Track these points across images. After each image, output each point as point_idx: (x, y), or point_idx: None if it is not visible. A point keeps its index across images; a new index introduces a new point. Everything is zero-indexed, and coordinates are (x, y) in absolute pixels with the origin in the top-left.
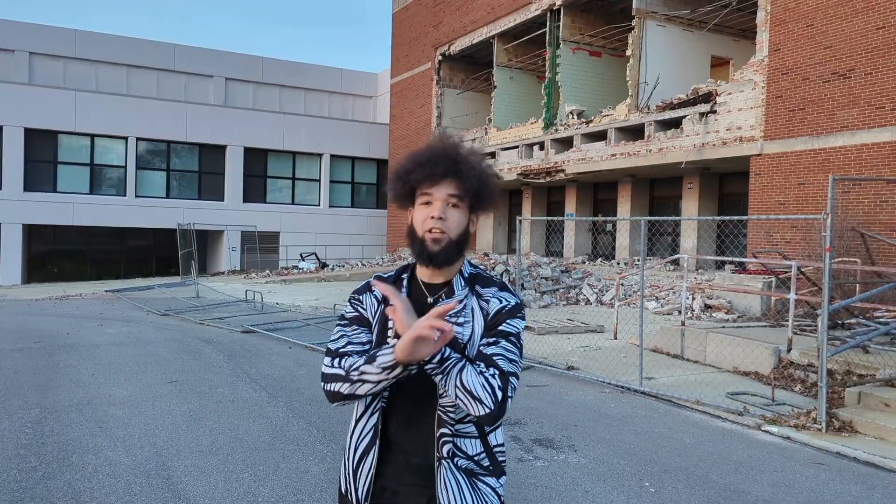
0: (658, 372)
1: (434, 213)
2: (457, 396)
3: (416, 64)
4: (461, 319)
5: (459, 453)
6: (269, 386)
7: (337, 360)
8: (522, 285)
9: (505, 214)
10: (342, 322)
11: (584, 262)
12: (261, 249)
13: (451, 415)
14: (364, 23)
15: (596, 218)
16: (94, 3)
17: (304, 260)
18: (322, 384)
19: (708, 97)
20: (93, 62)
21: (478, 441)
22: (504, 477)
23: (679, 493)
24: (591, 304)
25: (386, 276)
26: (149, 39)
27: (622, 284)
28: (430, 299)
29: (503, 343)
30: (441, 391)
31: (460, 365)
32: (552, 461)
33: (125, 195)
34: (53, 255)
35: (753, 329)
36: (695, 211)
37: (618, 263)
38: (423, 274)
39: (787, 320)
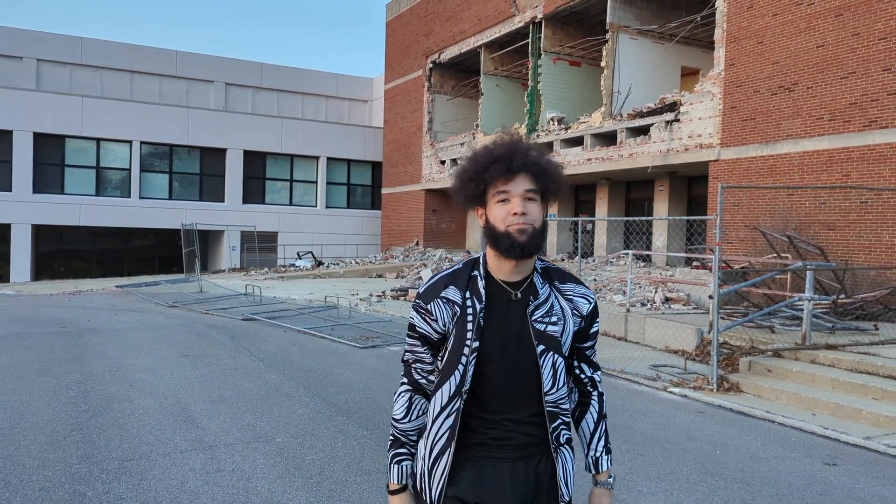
0: (600, 350)
1: (516, 209)
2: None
3: (408, 71)
4: (553, 318)
5: (569, 432)
6: (266, 359)
7: (405, 382)
8: None
9: None
10: (412, 334)
11: (563, 260)
12: (260, 249)
13: (564, 406)
14: (365, 25)
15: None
16: (99, 11)
17: (300, 258)
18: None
19: (673, 106)
20: (98, 68)
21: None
22: None
23: None
24: None
25: (454, 270)
26: (152, 46)
27: (594, 280)
28: (516, 294)
29: (595, 343)
30: (548, 388)
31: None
32: None
33: (129, 197)
34: (60, 254)
35: (690, 315)
36: (665, 211)
37: (593, 261)
38: (501, 272)
39: (730, 308)
